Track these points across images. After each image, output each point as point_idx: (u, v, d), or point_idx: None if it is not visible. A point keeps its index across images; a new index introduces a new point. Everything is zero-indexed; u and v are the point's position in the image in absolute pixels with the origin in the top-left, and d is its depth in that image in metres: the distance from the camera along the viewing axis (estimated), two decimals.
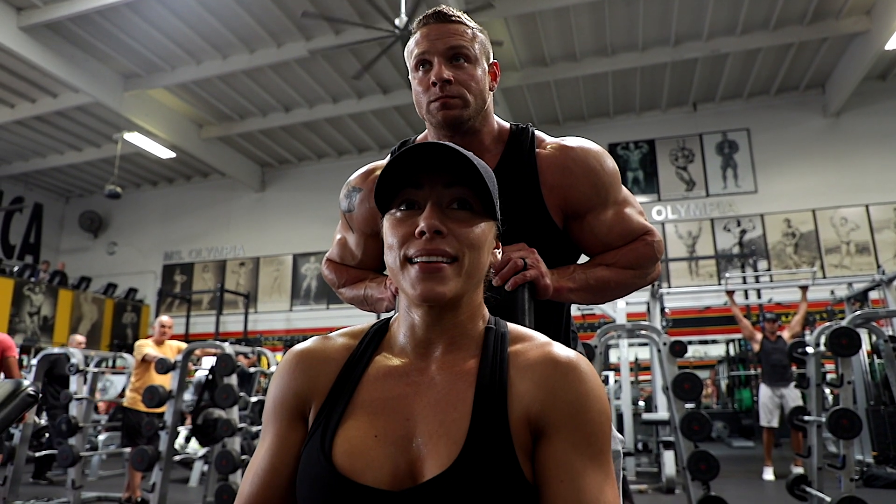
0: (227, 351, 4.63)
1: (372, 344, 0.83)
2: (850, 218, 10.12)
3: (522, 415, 0.71)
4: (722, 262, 10.37)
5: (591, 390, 0.71)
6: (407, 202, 0.78)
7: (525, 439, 0.70)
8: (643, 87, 10.33)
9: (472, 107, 1.17)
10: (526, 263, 1.10)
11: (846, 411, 3.41)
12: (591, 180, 1.19)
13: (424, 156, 0.75)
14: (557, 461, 0.68)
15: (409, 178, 0.77)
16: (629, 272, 1.22)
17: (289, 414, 0.79)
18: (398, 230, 0.76)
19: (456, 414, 0.72)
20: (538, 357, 0.74)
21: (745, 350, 9.36)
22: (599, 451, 0.70)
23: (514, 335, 0.80)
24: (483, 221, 0.78)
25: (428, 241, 0.73)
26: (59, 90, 9.73)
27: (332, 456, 0.72)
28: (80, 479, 4.89)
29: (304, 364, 0.81)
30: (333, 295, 12.02)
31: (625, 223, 1.22)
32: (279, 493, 0.75)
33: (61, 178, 13.47)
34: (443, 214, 0.75)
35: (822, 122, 10.46)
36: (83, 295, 12.18)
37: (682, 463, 3.74)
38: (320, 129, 11.41)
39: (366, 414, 0.74)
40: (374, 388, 0.77)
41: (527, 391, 0.72)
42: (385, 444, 0.71)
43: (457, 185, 0.76)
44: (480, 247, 0.77)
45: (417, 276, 0.74)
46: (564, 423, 0.69)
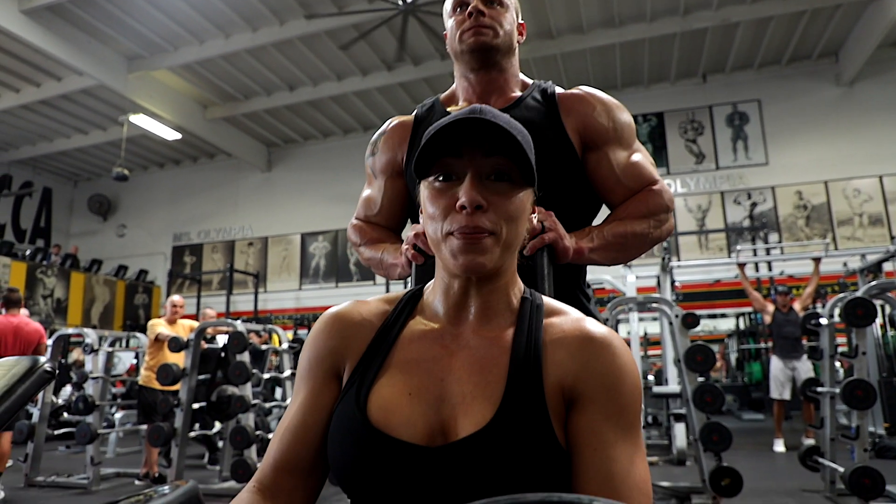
0: (239, 328, 4.66)
1: (406, 309, 0.84)
2: (863, 189, 9.99)
3: (557, 383, 0.72)
4: (732, 236, 10.30)
5: (624, 365, 0.73)
6: (445, 172, 0.77)
7: (558, 407, 0.71)
8: (651, 58, 10.18)
9: (501, 39, 1.26)
10: (544, 226, 1.09)
11: (861, 382, 3.40)
12: (608, 114, 1.27)
13: (464, 126, 0.75)
14: (590, 430, 0.69)
15: (447, 146, 0.76)
16: (644, 222, 1.22)
17: (323, 372, 0.80)
18: (439, 202, 0.77)
19: (490, 377, 0.73)
20: (573, 331, 0.76)
21: (756, 323, 9.33)
22: (630, 424, 0.70)
23: (549, 308, 0.81)
24: (522, 191, 0.78)
25: (469, 217, 0.73)
26: (63, 73, 9.70)
27: (366, 410, 0.73)
28: (98, 455, 4.97)
29: (340, 325, 0.83)
30: (342, 273, 12.08)
31: (638, 168, 1.26)
32: (310, 450, 0.76)
33: (69, 161, 13.50)
34: (482, 187, 0.75)
35: (836, 91, 10.28)
36: (95, 277, 12.28)
37: (693, 434, 3.75)
38: (325, 107, 11.34)
39: (400, 373, 0.76)
40: (408, 350, 0.78)
41: (561, 361, 0.73)
42: (419, 402, 0.72)
43: (495, 155, 0.76)
44: (518, 217, 0.77)
45: (459, 248, 0.74)
46: (597, 395, 0.70)
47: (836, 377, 4.10)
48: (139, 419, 5.53)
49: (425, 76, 9.91)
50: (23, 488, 4.91)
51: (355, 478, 0.71)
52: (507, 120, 0.77)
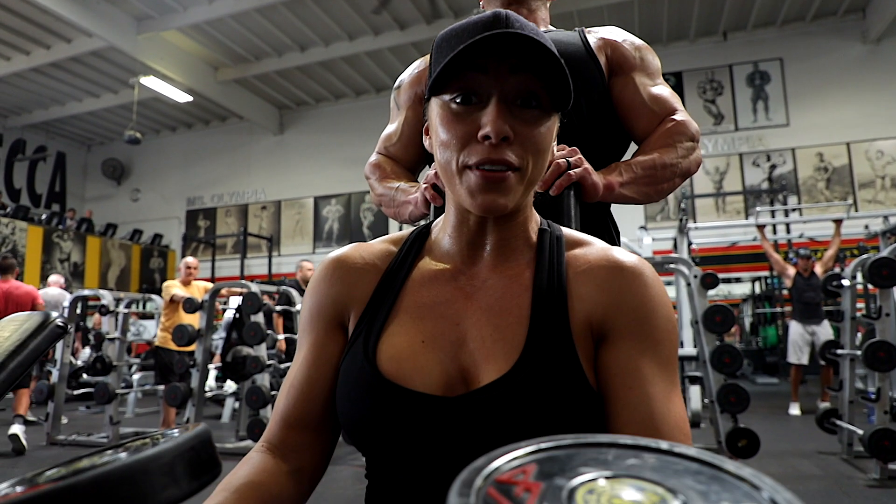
0: (253, 290, 4.67)
1: (414, 248, 0.77)
2: (886, 151, 9.75)
3: (584, 319, 0.66)
4: (750, 199, 10.13)
5: (657, 295, 0.67)
6: (465, 92, 0.66)
7: (587, 345, 0.66)
8: (671, 15, 9.88)
9: None
10: (569, 163, 1.03)
11: (884, 343, 3.34)
12: (634, 46, 1.26)
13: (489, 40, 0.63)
14: (624, 367, 0.64)
15: (469, 59, 0.64)
16: (672, 151, 1.17)
17: (326, 323, 0.74)
18: (455, 128, 0.66)
19: (511, 318, 0.67)
20: (599, 261, 0.70)
21: (772, 287, 9.24)
22: (666, 359, 0.65)
23: (570, 239, 0.75)
24: (550, 119, 0.68)
25: (493, 149, 0.64)
26: (72, 35, 9.61)
27: (376, 362, 0.67)
28: (117, 415, 5.06)
29: (341, 270, 0.76)
30: (356, 236, 12.07)
31: (664, 96, 1.23)
32: (317, 406, 0.72)
33: (81, 125, 13.49)
34: (509, 113, 0.65)
35: (861, 49, 9.95)
36: (110, 241, 12.38)
37: (710, 396, 3.72)
38: (337, 68, 11.18)
39: (411, 319, 0.70)
40: (419, 293, 0.72)
41: (588, 295, 0.67)
42: (434, 349, 0.67)
43: (524, 72, 0.65)
44: (545, 149, 0.68)
45: (478, 186, 0.65)
46: (630, 328, 0.65)
47: (854, 341, 4.04)
48: (156, 379, 5.61)
49: (436, 35, 9.70)
50: (44, 446, 5.02)
51: (369, 434, 0.66)
52: (534, 30, 0.66)
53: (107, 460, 0.38)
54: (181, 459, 0.43)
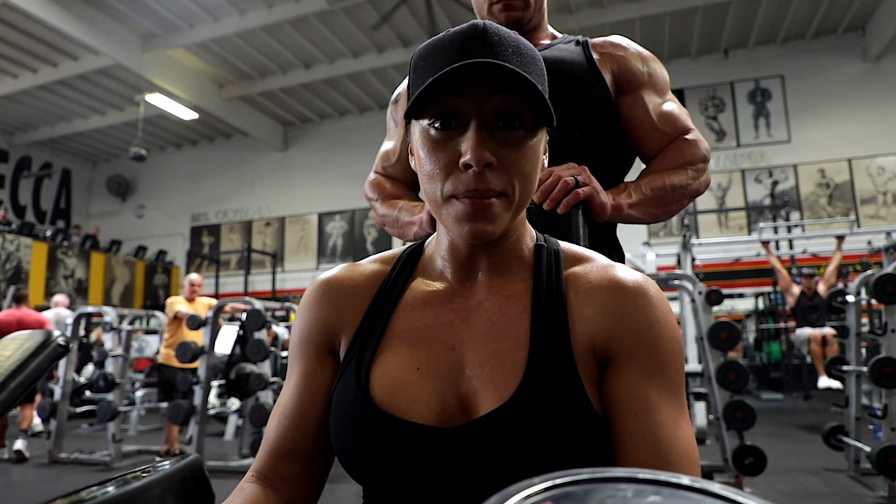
0: (257, 307, 4.67)
1: (406, 269, 0.74)
2: (887, 167, 9.77)
3: (587, 342, 0.64)
4: (752, 215, 10.13)
5: (662, 316, 0.64)
6: (443, 116, 0.63)
7: (590, 369, 0.63)
8: (672, 33, 9.95)
9: (531, 7, 1.23)
10: (577, 181, 1.02)
11: (890, 360, 3.33)
12: (642, 59, 1.23)
13: (464, 68, 0.60)
14: (630, 393, 0.61)
15: (445, 83, 0.61)
16: (682, 172, 1.16)
17: (316, 349, 0.72)
18: (438, 157, 0.64)
19: (510, 342, 0.64)
20: (601, 281, 0.66)
21: (775, 303, 9.21)
22: (673, 382, 0.63)
23: (569, 255, 0.72)
24: (536, 136, 0.65)
25: (476, 178, 0.61)
26: (79, 53, 9.71)
27: (369, 390, 0.65)
28: (119, 433, 5.04)
29: (330, 294, 0.73)
30: (359, 252, 12.08)
31: (674, 114, 1.21)
32: (310, 434, 0.70)
33: (87, 142, 13.58)
34: (490, 137, 0.62)
35: (862, 66, 10.01)
36: (115, 258, 12.41)
37: (716, 413, 3.70)
38: (341, 85, 11.27)
39: (405, 345, 0.67)
40: (412, 317, 0.69)
41: (591, 317, 0.64)
42: (430, 376, 0.64)
43: (504, 92, 0.62)
44: (532, 171, 0.65)
45: (464, 214, 0.63)
46: (635, 352, 0.62)
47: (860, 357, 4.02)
48: (159, 397, 5.60)
49: None
50: (46, 464, 5.00)
51: (364, 465, 0.64)
52: (514, 45, 0.64)
53: (96, 494, 0.39)
54: (171, 491, 0.43)
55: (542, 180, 1.02)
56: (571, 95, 1.15)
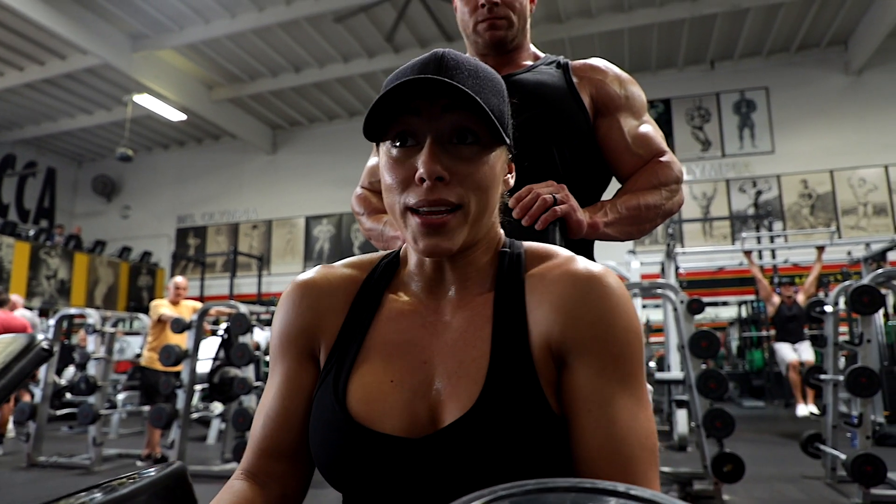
0: (242, 310, 4.67)
1: (383, 279, 0.77)
2: (868, 178, 9.93)
3: (543, 343, 0.65)
4: (736, 224, 10.25)
5: (615, 305, 0.64)
6: (402, 135, 0.67)
7: (549, 369, 0.64)
8: (660, 44, 10.07)
9: (515, 27, 1.27)
10: (556, 199, 1.05)
11: (865, 369, 3.39)
12: (620, 83, 1.28)
13: (419, 83, 0.64)
14: (584, 389, 0.62)
15: (404, 102, 0.66)
16: (656, 193, 1.20)
17: (297, 352, 0.74)
18: (397, 172, 0.67)
19: (475, 352, 0.66)
20: (555, 277, 0.67)
21: (758, 312, 9.32)
22: (629, 373, 0.63)
23: (531, 255, 0.73)
24: (492, 152, 0.68)
25: (430, 191, 0.64)
26: (67, 52, 9.65)
27: (346, 402, 0.67)
28: (100, 436, 5.00)
29: (310, 297, 0.75)
30: (346, 256, 12.01)
31: (649, 137, 1.26)
32: (293, 436, 0.72)
33: (73, 142, 13.47)
34: (444, 153, 0.65)
35: (844, 80, 10.18)
36: (98, 258, 12.30)
37: (696, 420, 3.75)
38: (331, 89, 11.28)
39: (380, 358, 0.70)
40: (388, 330, 0.72)
41: (545, 317, 0.65)
42: (402, 389, 0.67)
43: (458, 110, 0.65)
44: (489, 186, 0.68)
45: (420, 231, 0.66)
46: (588, 346, 0.63)
47: (838, 366, 4.09)
48: (141, 400, 5.56)
49: None
50: (25, 468, 4.95)
51: (341, 475, 0.66)
52: (472, 69, 0.67)
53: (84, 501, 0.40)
54: (156, 499, 0.45)
55: (521, 197, 1.06)
56: (551, 118, 1.20)
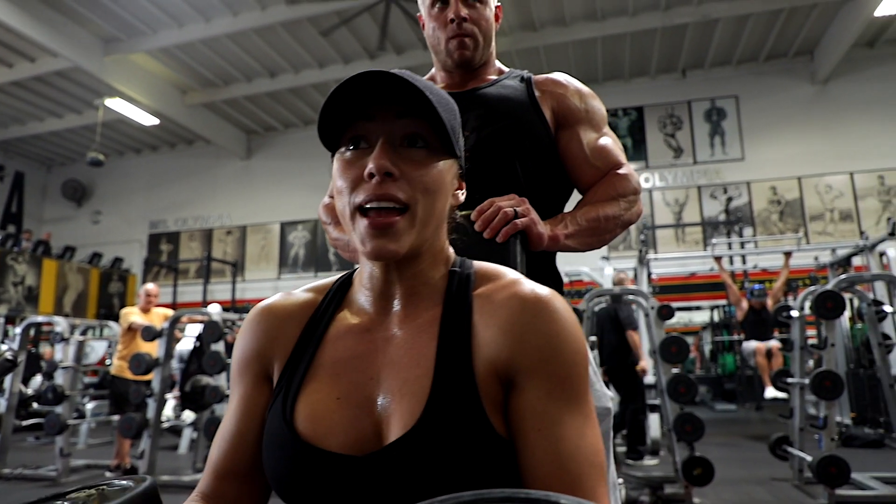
0: (214, 318, 4.62)
1: (335, 300, 0.78)
2: (834, 185, 10.17)
3: (489, 365, 0.66)
4: (708, 230, 10.43)
5: (562, 329, 0.66)
6: (355, 139, 0.70)
7: (494, 390, 0.65)
8: (633, 53, 10.22)
9: (481, 45, 1.31)
10: (517, 212, 1.07)
11: (829, 373, 3.47)
12: (581, 97, 1.31)
13: (372, 84, 0.66)
14: (532, 410, 0.63)
15: (359, 109, 0.69)
16: (615, 204, 1.23)
17: (253, 375, 0.76)
18: (348, 173, 0.69)
19: (418, 370, 0.67)
20: (504, 298, 0.68)
21: (729, 316, 9.48)
22: (576, 393, 0.65)
23: (480, 275, 0.75)
24: (441, 160, 0.71)
25: (378, 185, 0.66)
26: (36, 54, 9.47)
27: (293, 422, 0.68)
28: (67, 446, 4.90)
29: (266, 322, 0.77)
30: (322, 263, 12.01)
31: (606, 149, 1.29)
32: (248, 457, 0.73)
33: (42, 145, 13.21)
34: (395, 154, 0.68)
35: (810, 89, 10.43)
36: (68, 265, 12.06)
37: (667, 425, 3.80)
38: (307, 95, 11.23)
39: (328, 375, 0.70)
40: (336, 348, 0.73)
41: (492, 338, 0.66)
42: (348, 406, 0.67)
43: (410, 117, 0.69)
44: (437, 190, 0.70)
45: (367, 232, 0.67)
46: (536, 368, 0.64)
47: (805, 369, 4.18)
48: (111, 409, 5.46)
49: (408, 65, 9.83)
50: None
51: (291, 494, 0.67)
52: (427, 86, 0.70)
53: None
54: None
55: (483, 210, 1.07)
56: (514, 133, 1.22)
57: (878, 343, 3.91)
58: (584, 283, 9.17)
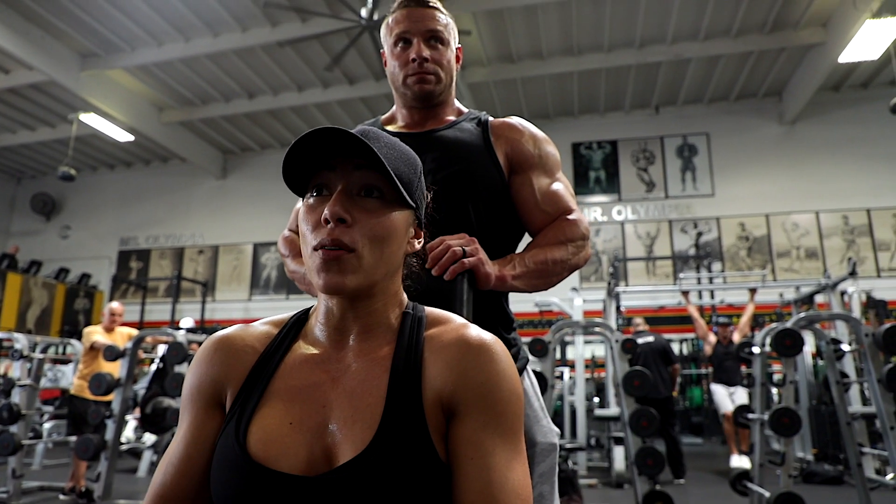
0: (179, 339, 4.55)
1: (291, 332, 0.82)
2: (800, 224, 10.44)
3: (435, 396, 0.72)
4: (678, 263, 10.60)
5: (502, 371, 0.72)
6: (318, 186, 0.77)
7: (439, 420, 0.71)
8: (608, 88, 10.46)
9: (443, 83, 1.34)
10: (465, 252, 1.10)
11: (787, 410, 3.53)
12: (535, 142, 1.35)
13: (334, 137, 0.73)
14: (468, 440, 0.69)
15: (323, 159, 0.76)
16: (563, 248, 1.27)
17: (205, 401, 0.78)
18: (310, 217, 0.76)
19: (371, 399, 0.72)
20: (451, 339, 0.75)
21: (697, 349, 9.59)
22: (509, 429, 0.71)
23: (431, 319, 0.81)
24: (395, 211, 0.77)
25: (331, 230, 0.72)
26: (11, 66, 9.38)
27: (246, 444, 0.71)
28: (20, 467, 4.75)
29: (221, 351, 0.80)
30: (293, 285, 11.90)
31: (557, 195, 1.32)
32: (193, 483, 0.74)
33: (13, 157, 13.00)
34: (350, 201, 0.74)
35: (779, 129, 10.76)
36: (33, 279, 11.79)
37: (630, 458, 3.82)
38: (284, 117, 11.25)
39: (282, 402, 0.74)
40: (290, 376, 0.76)
41: (439, 373, 0.73)
42: (301, 430, 0.71)
43: (366, 169, 0.75)
44: (385, 238, 0.75)
45: (319, 266, 0.73)
46: (475, 403, 0.70)
47: (769, 404, 4.24)
48: (69, 430, 5.32)
49: (387, 92, 9.94)
50: None
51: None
52: (389, 143, 0.78)
53: None
54: None
55: (433, 248, 1.11)
56: (467, 176, 1.26)
57: (836, 381, 3.99)
58: (554, 314, 9.23)
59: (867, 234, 10.18)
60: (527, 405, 1.25)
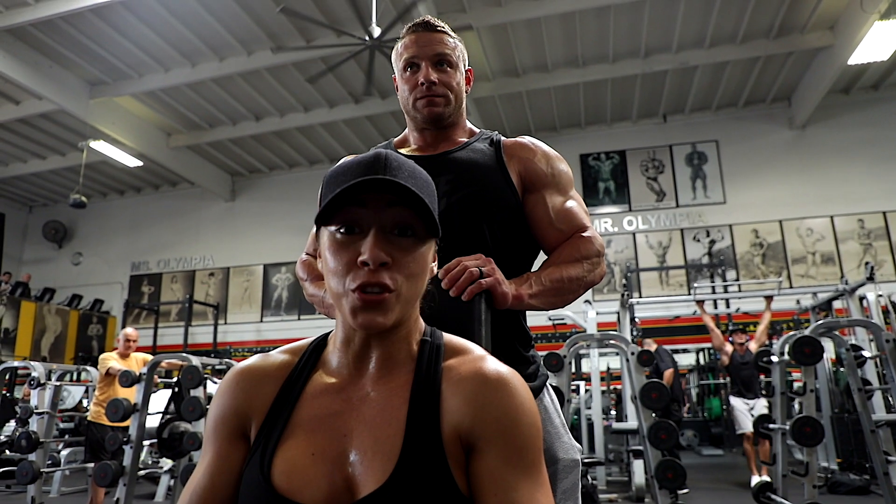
0: (194, 363, 4.54)
1: (311, 361, 0.83)
2: (815, 229, 10.34)
3: (453, 430, 0.72)
4: (692, 272, 10.51)
5: (520, 405, 0.73)
6: (348, 223, 0.75)
7: (458, 453, 0.72)
8: (614, 98, 10.46)
9: (452, 105, 1.35)
10: (482, 272, 1.10)
11: (809, 419, 3.47)
12: (547, 161, 1.35)
13: (368, 183, 0.73)
14: (490, 475, 0.69)
15: (351, 196, 0.74)
16: (578, 266, 1.26)
17: (229, 432, 0.79)
18: (341, 256, 0.75)
19: (390, 430, 0.72)
20: (469, 372, 0.75)
21: (715, 359, 9.47)
22: (531, 462, 0.71)
23: (449, 348, 0.81)
24: (425, 245, 0.78)
25: (371, 273, 0.72)
26: (21, 97, 9.52)
27: (270, 476, 0.72)
28: (39, 495, 4.74)
29: (244, 382, 0.81)
30: (305, 305, 11.92)
31: (571, 213, 1.32)
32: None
33: (24, 186, 13.16)
34: (386, 241, 0.74)
35: (789, 134, 10.69)
36: (46, 307, 11.87)
37: (650, 472, 3.76)
38: (291, 138, 11.33)
39: (304, 432, 0.74)
40: (312, 406, 0.77)
41: (458, 407, 0.73)
42: (322, 461, 0.71)
43: (399, 206, 0.75)
44: (420, 274, 0.77)
45: (358, 306, 0.73)
46: (495, 437, 0.71)
47: (790, 413, 4.17)
48: (86, 457, 5.31)
49: (392, 110, 9.99)
50: None
51: None
52: (410, 170, 0.77)
53: None
54: None
55: (450, 269, 1.10)
56: (482, 197, 1.27)
57: (859, 388, 3.91)
58: (567, 327, 9.16)
59: (884, 237, 10.06)
60: (548, 422, 1.25)
